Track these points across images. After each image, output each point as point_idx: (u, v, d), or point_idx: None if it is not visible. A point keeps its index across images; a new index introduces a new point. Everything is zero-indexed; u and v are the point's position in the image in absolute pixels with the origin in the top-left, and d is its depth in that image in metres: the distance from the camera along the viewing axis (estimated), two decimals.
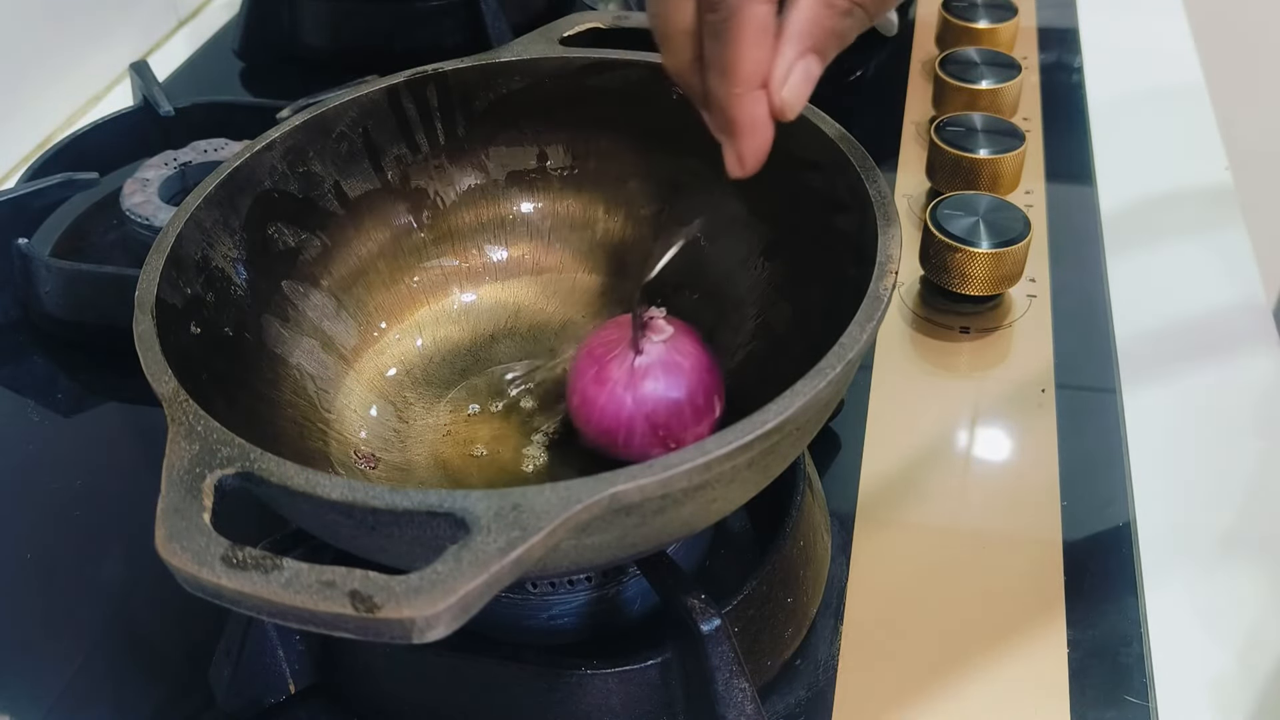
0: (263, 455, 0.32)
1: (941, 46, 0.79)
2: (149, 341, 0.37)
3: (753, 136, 0.37)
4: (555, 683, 0.40)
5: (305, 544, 0.41)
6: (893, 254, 0.38)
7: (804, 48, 0.36)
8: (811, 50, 0.36)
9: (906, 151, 0.72)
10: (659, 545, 0.40)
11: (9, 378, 0.60)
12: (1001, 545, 0.48)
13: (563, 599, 0.43)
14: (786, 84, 0.36)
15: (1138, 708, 0.42)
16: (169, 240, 0.42)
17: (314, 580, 0.28)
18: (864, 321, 0.36)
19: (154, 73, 0.74)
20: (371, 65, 0.69)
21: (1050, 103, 0.76)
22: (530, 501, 0.30)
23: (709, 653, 0.38)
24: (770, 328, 0.47)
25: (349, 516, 0.32)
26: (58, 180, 0.64)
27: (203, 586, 0.29)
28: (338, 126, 0.49)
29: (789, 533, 0.44)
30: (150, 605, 0.48)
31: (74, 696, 0.45)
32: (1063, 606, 0.46)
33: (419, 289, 0.52)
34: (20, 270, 0.61)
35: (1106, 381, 0.56)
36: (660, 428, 0.43)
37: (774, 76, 0.36)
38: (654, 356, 0.43)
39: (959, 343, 0.59)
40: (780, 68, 0.36)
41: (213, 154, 0.66)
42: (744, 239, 0.49)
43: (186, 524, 0.30)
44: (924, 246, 0.60)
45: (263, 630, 0.42)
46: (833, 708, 0.43)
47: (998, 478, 0.52)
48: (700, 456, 0.31)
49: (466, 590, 0.28)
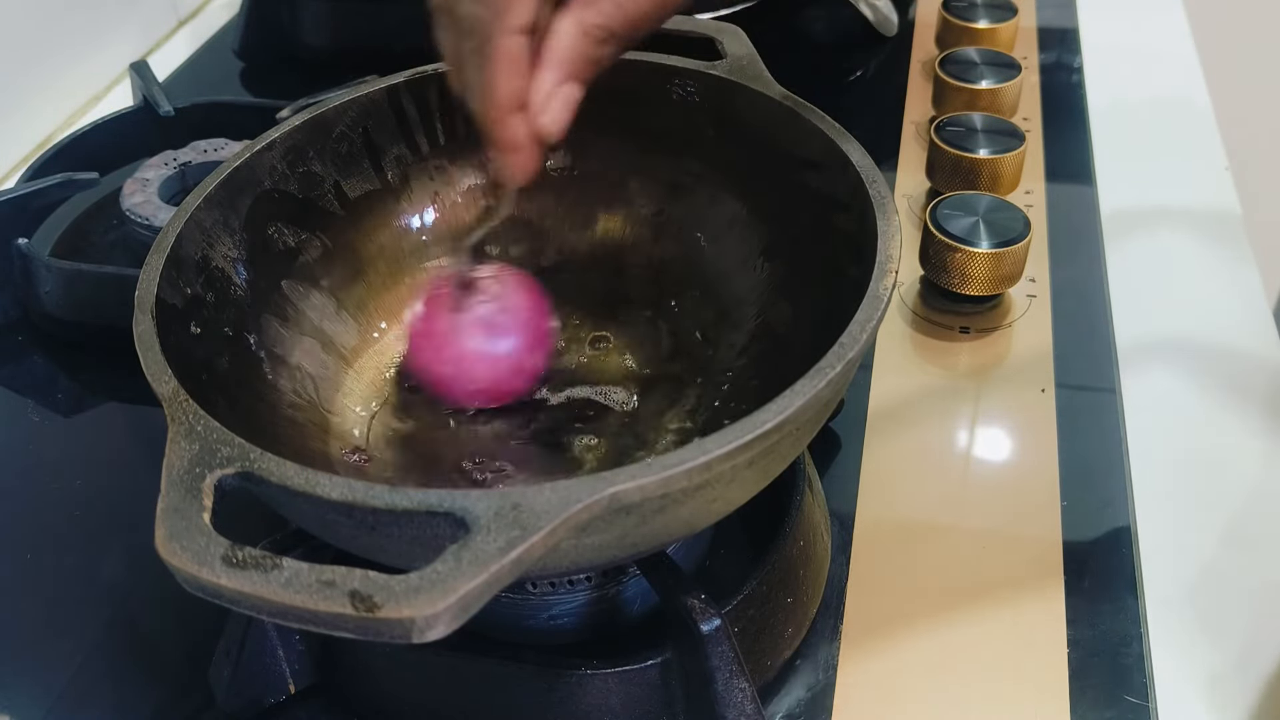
0: (262, 455, 0.32)
1: (941, 46, 0.79)
2: (149, 341, 0.37)
3: (516, 154, 0.39)
4: (555, 683, 0.40)
5: (305, 544, 0.41)
6: (892, 254, 0.38)
7: (562, 75, 0.38)
8: (571, 77, 0.38)
9: (906, 151, 0.72)
10: (659, 545, 0.40)
11: (9, 378, 0.60)
12: (1001, 545, 0.48)
13: (563, 599, 0.43)
14: (546, 110, 0.38)
15: (1138, 708, 0.42)
16: (169, 240, 0.42)
17: (314, 580, 0.28)
18: (864, 321, 0.36)
19: (154, 73, 0.74)
20: (371, 65, 0.69)
21: (1050, 103, 0.76)
22: (530, 501, 0.30)
23: (709, 653, 0.38)
24: (770, 328, 0.47)
25: (349, 516, 0.32)
26: (58, 180, 0.64)
27: (203, 586, 0.29)
28: (338, 126, 0.49)
29: (789, 533, 0.44)
30: (150, 605, 0.48)
31: (74, 696, 0.45)
32: (1063, 606, 0.46)
33: (419, 289, 0.52)
34: (20, 270, 0.61)
35: (1106, 381, 0.56)
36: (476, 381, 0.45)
37: (533, 102, 0.38)
38: (476, 313, 0.45)
39: (959, 343, 0.59)
40: (539, 94, 0.38)
41: (213, 154, 0.66)
42: (744, 239, 0.49)
43: (186, 524, 0.30)
44: (924, 246, 0.60)
45: (263, 630, 0.42)
46: (833, 708, 0.43)
47: (998, 478, 0.52)
48: (700, 456, 0.31)
49: (466, 590, 0.28)
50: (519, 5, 0.37)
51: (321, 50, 0.86)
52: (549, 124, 0.39)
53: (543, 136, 0.39)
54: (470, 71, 0.38)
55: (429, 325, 0.45)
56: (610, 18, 0.37)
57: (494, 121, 0.39)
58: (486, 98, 0.38)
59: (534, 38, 0.38)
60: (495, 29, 0.37)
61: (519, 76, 0.38)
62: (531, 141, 0.39)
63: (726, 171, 0.50)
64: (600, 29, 0.37)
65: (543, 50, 0.38)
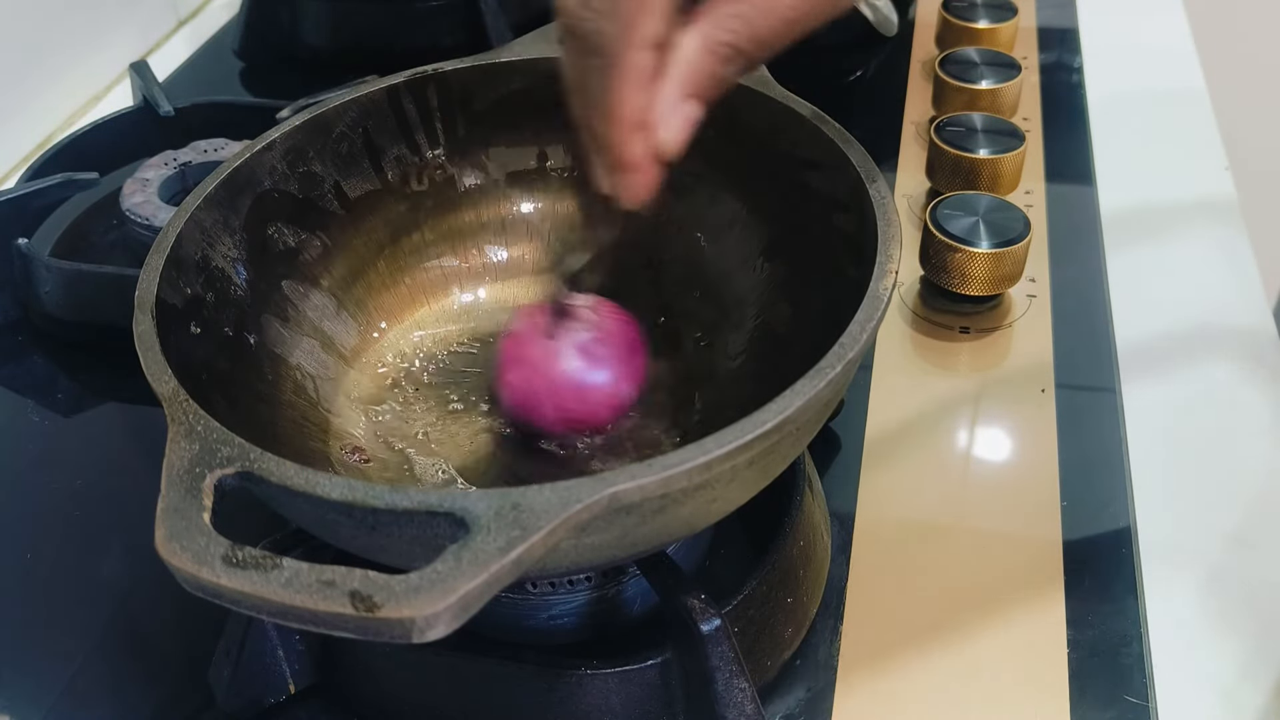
0: (263, 455, 0.32)
1: (941, 46, 0.79)
2: (149, 341, 0.37)
3: (635, 173, 0.38)
4: (555, 683, 0.40)
5: (305, 544, 0.41)
6: (893, 254, 0.38)
7: (685, 92, 0.37)
8: (693, 95, 0.37)
9: (906, 151, 0.72)
10: (659, 545, 0.40)
11: (9, 378, 0.60)
12: (1001, 545, 0.48)
13: (563, 599, 0.43)
14: (667, 127, 0.37)
15: (1138, 708, 0.42)
16: (169, 240, 0.42)
17: (314, 580, 0.28)
18: (864, 321, 0.36)
19: (154, 73, 0.74)
20: (371, 65, 0.69)
21: (1050, 103, 0.76)
22: (530, 501, 0.30)
23: (709, 653, 0.38)
24: (770, 328, 0.47)
25: (349, 516, 0.32)
26: (58, 180, 0.64)
27: (203, 586, 0.29)
28: (338, 126, 0.49)
29: (789, 533, 0.44)
30: (150, 605, 0.48)
31: (74, 696, 0.45)
32: (1063, 607, 0.46)
33: (419, 289, 0.52)
34: (20, 270, 0.61)
35: (1106, 381, 0.56)
36: (565, 409, 0.44)
37: (654, 119, 0.37)
38: (569, 341, 0.44)
39: (959, 343, 0.59)
40: (661, 110, 0.37)
41: (213, 154, 0.66)
42: (744, 239, 0.49)
43: (186, 524, 0.30)
44: (924, 246, 0.60)
45: (263, 630, 0.42)
46: (833, 708, 0.43)
47: (998, 478, 0.52)
48: (700, 456, 0.31)
49: (466, 590, 0.28)
50: (648, 20, 0.36)
51: (321, 50, 0.86)
52: (668, 141, 0.37)
53: (662, 154, 0.38)
54: (594, 89, 0.37)
55: (523, 349, 0.44)
56: (738, 36, 0.36)
57: (617, 140, 0.37)
58: (610, 115, 0.37)
59: (660, 54, 0.37)
60: (623, 44, 0.36)
61: (645, 93, 0.37)
62: (651, 160, 0.38)
63: (726, 171, 0.50)
64: (728, 47, 0.36)
65: (667, 66, 0.37)
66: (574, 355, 0.44)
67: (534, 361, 0.44)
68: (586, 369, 0.44)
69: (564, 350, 0.44)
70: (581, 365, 0.44)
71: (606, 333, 0.45)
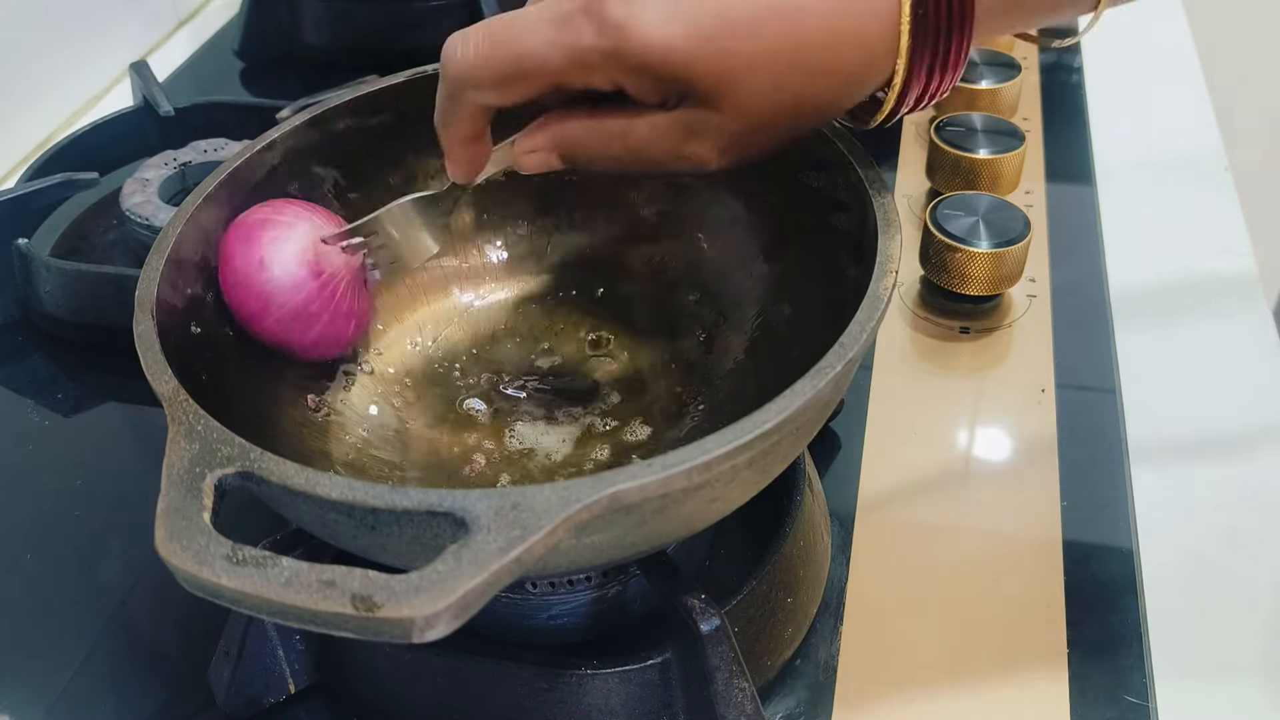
0: (263, 455, 0.32)
1: None
2: (149, 341, 0.37)
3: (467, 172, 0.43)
4: (555, 683, 0.40)
5: (304, 544, 0.41)
6: (892, 253, 0.38)
7: (553, 149, 0.40)
8: (560, 154, 0.40)
9: (906, 151, 0.72)
10: (659, 545, 0.40)
11: (9, 378, 0.60)
12: (1001, 545, 0.48)
13: (563, 599, 0.43)
14: (528, 159, 0.41)
15: (1137, 708, 0.42)
16: (169, 240, 0.42)
17: (314, 580, 0.28)
18: (864, 321, 0.36)
19: (154, 73, 0.74)
20: (371, 65, 0.69)
21: (1050, 103, 0.76)
22: (530, 501, 0.30)
23: (709, 653, 0.38)
24: (770, 327, 0.48)
25: (349, 516, 0.32)
26: (58, 180, 0.64)
27: (203, 586, 0.29)
28: (337, 126, 0.49)
29: (789, 533, 0.44)
30: (150, 605, 0.48)
31: (74, 696, 0.45)
32: (1063, 606, 0.46)
33: (419, 289, 0.52)
34: (20, 270, 0.61)
35: (1106, 381, 0.56)
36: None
37: (519, 147, 0.41)
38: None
39: (959, 343, 0.59)
40: (525, 145, 0.41)
41: (213, 154, 0.66)
42: (744, 239, 0.49)
43: (187, 524, 0.30)
44: (924, 246, 0.60)
45: (263, 630, 0.42)
46: (833, 708, 0.43)
47: (998, 478, 0.52)
48: (700, 456, 0.31)
49: (467, 589, 0.28)
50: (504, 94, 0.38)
51: (321, 50, 0.86)
52: (523, 166, 0.41)
53: (515, 168, 0.42)
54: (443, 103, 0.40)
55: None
56: (612, 151, 0.39)
57: (448, 144, 0.42)
58: (444, 125, 0.41)
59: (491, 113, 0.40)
60: (478, 99, 0.39)
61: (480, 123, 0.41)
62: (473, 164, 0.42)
63: (726, 171, 0.49)
64: (601, 156, 0.39)
65: (547, 121, 0.40)
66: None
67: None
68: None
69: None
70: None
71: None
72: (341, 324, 0.46)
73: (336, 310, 0.45)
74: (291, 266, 0.43)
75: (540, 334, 0.52)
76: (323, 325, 0.45)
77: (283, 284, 0.43)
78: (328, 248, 0.44)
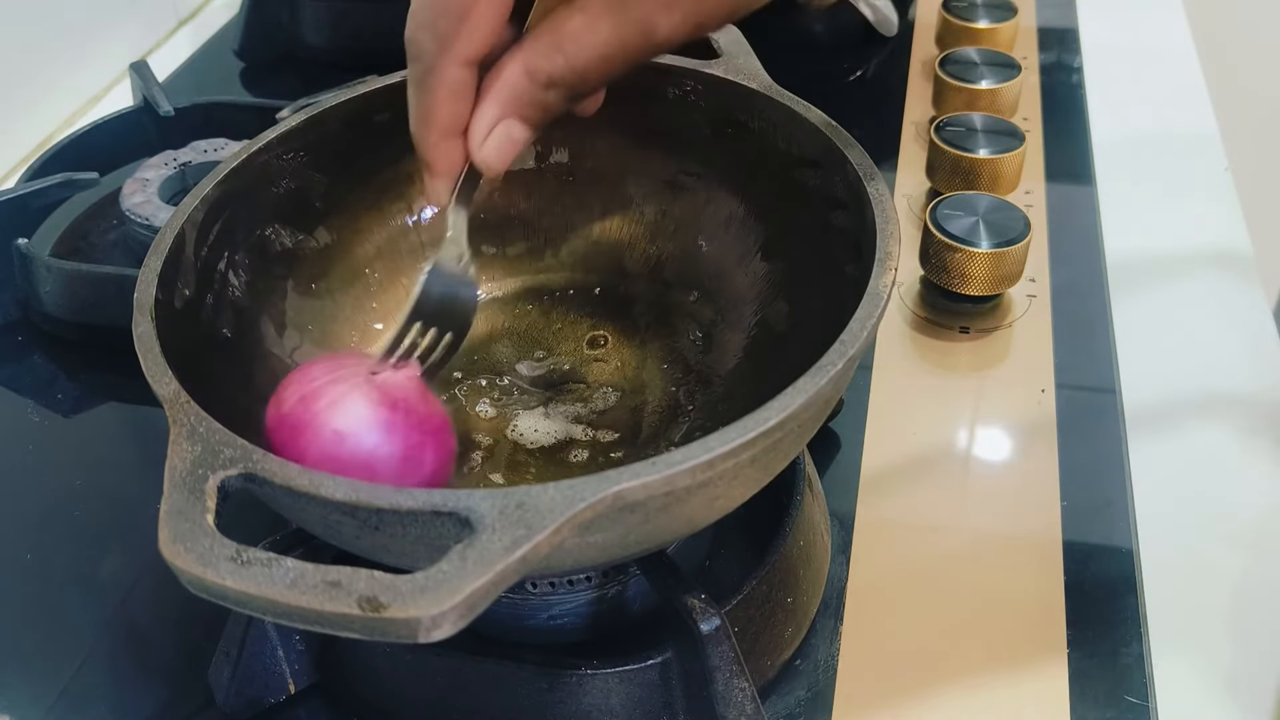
0: (265, 456, 0.32)
1: (941, 46, 0.79)
2: (149, 343, 0.37)
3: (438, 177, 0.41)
4: (555, 683, 0.40)
5: (304, 545, 0.41)
6: (891, 251, 0.38)
7: (505, 113, 0.39)
8: (515, 116, 0.39)
9: (906, 151, 0.72)
10: (662, 543, 0.40)
11: (9, 378, 0.60)
12: (1001, 545, 0.48)
13: (563, 599, 0.43)
14: (485, 144, 0.39)
15: (1138, 708, 0.42)
16: (167, 241, 0.42)
17: (320, 580, 0.28)
18: (864, 318, 0.36)
19: (154, 73, 0.74)
20: (371, 65, 0.68)
21: (1050, 103, 0.76)
22: (534, 500, 0.30)
23: (709, 653, 0.38)
24: (770, 326, 0.48)
25: (353, 517, 0.32)
26: (58, 180, 0.63)
27: (207, 588, 0.29)
28: (337, 126, 0.49)
29: (789, 533, 0.44)
30: (150, 605, 0.48)
31: (74, 696, 0.45)
32: (1063, 606, 0.46)
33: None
34: (20, 270, 0.61)
35: (1106, 381, 0.56)
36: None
37: (473, 134, 0.39)
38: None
39: (959, 343, 0.59)
40: (479, 127, 0.39)
41: (213, 154, 0.66)
42: (742, 238, 0.49)
43: (190, 526, 0.30)
44: (924, 246, 0.60)
45: (263, 630, 0.42)
46: (833, 708, 0.43)
47: (998, 478, 0.52)
48: (704, 454, 0.31)
49: (473, 589, 0.28)
50: (465, 39, 0.37)
51: (321, 50, 0.86)
52: (489, 157, 0.39)
53: (484, 169, 0.40)
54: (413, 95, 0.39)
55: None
56: (555, 65, 0.37)
57: (427, 144, 0.40)
58: (423, 120, 0.39)
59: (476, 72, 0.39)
60: (440, 58, 0.38)
61: (457, 105, 0.39)
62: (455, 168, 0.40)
63: (725, 170, 0.50)
64: (545, 74, 0.38)
65: (485, 85, 0.39)
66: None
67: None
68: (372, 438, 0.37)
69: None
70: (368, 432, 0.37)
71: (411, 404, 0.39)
72: (443, 434, 0.40)
73: (427, 425, 0.39)
74: (365, 415, 0.37)
75: (538, 333, 0.52)
76: (433, 447, 0.39)
77: (373, 437, 0.37)
78: (382, 376, 0.39)
